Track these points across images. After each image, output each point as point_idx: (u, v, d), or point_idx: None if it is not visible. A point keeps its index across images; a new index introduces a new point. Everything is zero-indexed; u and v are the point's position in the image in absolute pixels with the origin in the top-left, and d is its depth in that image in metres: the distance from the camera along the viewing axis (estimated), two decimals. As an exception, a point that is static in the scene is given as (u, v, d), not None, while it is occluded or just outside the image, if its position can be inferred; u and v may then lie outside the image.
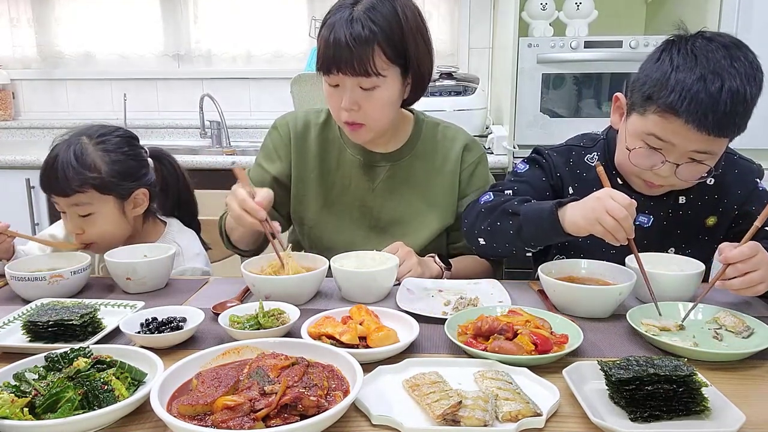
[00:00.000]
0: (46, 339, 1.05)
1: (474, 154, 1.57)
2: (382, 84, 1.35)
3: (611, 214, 1.13)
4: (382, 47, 1.32)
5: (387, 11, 1.33)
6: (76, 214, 1.46)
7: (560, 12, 2.80)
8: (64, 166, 1.42)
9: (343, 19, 1.31)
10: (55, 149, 1.46)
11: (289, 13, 3.41)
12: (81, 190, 1.43)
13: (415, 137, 1.57)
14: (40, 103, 3.63)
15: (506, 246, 1.36)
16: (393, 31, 1.33)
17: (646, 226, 1.41)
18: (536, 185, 1.46)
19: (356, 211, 1.56)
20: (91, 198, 1.45)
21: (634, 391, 0.81)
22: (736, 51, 1.20)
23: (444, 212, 1.55)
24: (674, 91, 1.18)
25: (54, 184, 1.43)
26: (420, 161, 1.56)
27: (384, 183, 1.55)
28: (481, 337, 1.02)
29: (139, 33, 3.50)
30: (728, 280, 1.11)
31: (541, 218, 1.25)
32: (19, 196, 2.86)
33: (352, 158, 1.55)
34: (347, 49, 1.30)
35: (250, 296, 1.29)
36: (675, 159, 1.25)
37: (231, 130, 3.39)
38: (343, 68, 1.32)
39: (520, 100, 2.69)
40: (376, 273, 1.25)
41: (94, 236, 1.48)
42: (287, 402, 0.76)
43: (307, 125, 1.58)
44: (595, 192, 1.19)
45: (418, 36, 1.38)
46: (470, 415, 0.78)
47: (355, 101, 1.37)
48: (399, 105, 1.46)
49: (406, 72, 1.39)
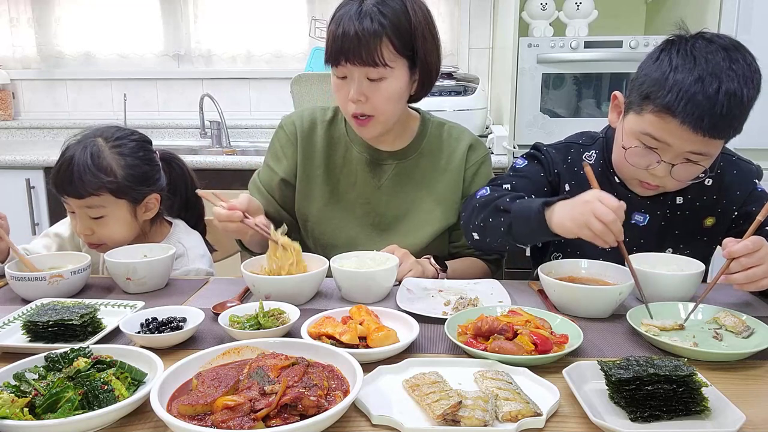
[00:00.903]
0: (46, 339, 1.05)
1: (478, 153, 1.58)
2: (390, 75, 1.37)
3: (600, 218, 1.12)
4: (390, 39, 1.33)
5: (396, 5, 1.35)
6: (87, 215, 1.46)
7: (560, 12, 2.80)
8: (80, 168, 1.41)
9: (352, 12, 1.34)
10: (69, 150, 1.45)
11: (289, 13, 3.41)
12: (96, 193, 1.43)
13: (421, 136, 1.58)
14: (40, 103, 3.63)
15: (498, 242, 1.36)
16: (401, 25, 1.35)
17: (641, 225, 1.41)
18: (534, 180, 1.46)
19: (360, 209, 1.56)
20: (105, 201, 1.45)
21: (634, 391, 0.81)
22: (735, 53, 1.20)
23: (447, 211, 1.56)
24: (671, 91, 1.18)
25: (68, 185, 1.42)
26: (426, 160, 1.57)
27: (390, 181, 1.56)
28: (481, 337, 1.02)
29: (139, 33, 3.50)
30: (732, 275, 1.10)
31: (529, 218, 1.25)
32: (19, 196, 2.86)
33: (359, 156, 1.56)
34: (356, 39, 1.32)
35: (250, 296, 1.29)
36: (670, 159, 1.25)
37: (231, 130, 3.39)
38: (351, 58, 1.33)
39: (520, 100, 2.69)
40: (375, 273, 1.25)
41: (104, 238, 1.48)
42: (287, 402, 0.76)
43: (313, 123, 1.59)
44: (583, 194, 1.19)
45: (427, 31, 1.39)
46: (470, 415, 0.78)
47: (362, 92, 1.37)
48: (406, 100, 1.47)
49: (414, 66, 1.41)
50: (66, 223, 1.63)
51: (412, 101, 1.52)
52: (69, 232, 1.61)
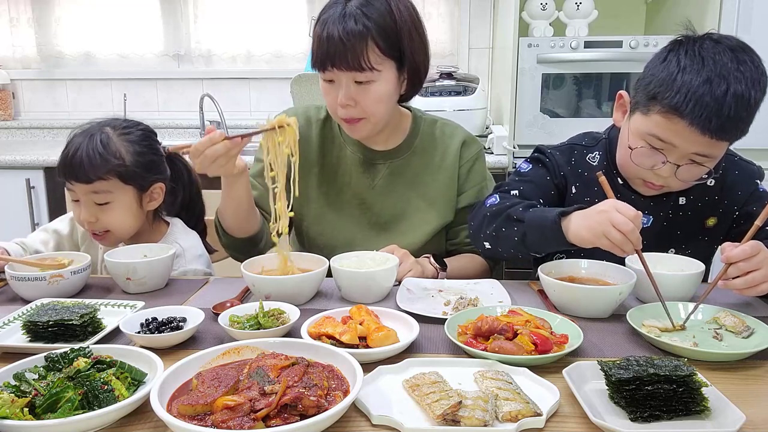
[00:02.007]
0: (46, 339, 1.05)
1: (472, 150, 1.58)
2: (378, 78, 1.36)
3: (618, 228, 1.11)
4: (376, 41, 1.32)
5: (380, 6, 1.33)
6: (93, 202, 1.45)
7: (560, 12, 2.80)
8: (89, 152, 1.41)
9: (336, 15, 1.32)
10: (75, 138, 1.46)
11: (289, 13, 3.41)
12: (105, 177, 1.43)
13: (414, 134, 1.57)
14: (40, 103, 3.63)
15: (511, 251, 1.36)
16: (387, 25, 1.33)
17: (645, 226, 1.40)
18: (541, 184, 1.46)
19: (356, 209, 1.56)
20: (113, 186, 1.45)
21: (634, 391, 0.81)
22: (742, 54, 1.19)
23: (443, 209, 1.55)
24: (679, 92, 1.18)
25: (78, 170, 1.42)
26: (419, 158, 1.56)
27: (384, 180, 1.55)
28: (481, 337, 1.02)
29: (139, 33, 3.51)
30: (730, 280, 1.10)
31: (544, 227, 1.24)
32: (19, 196, 2.86)
33: (352, 156, 1.55)
34: (340, 43, 1.30)
35: (250, 296, 1.29)
36: (676, 160, 1.25)
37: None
38: (337, 63, 1.32)
39: (520, 100, 2.69)
40: (375, 273, 1.25)
41: (109, 225, 1.48)
42: (287, 402, 0.76)
43: (308, 122, 1.58)
44: (599, 204, 1.17)
45: (413, 30, 1.38)
46: (470, 415, 0.78)
47: (350, 96, 1.36)
48: (396, 100, 1.46)
49: (402, 66, 1.39)
50: (65, 219, 1.63)
51: (402, 101, 1.51)
52: (68, 230, 1.61)
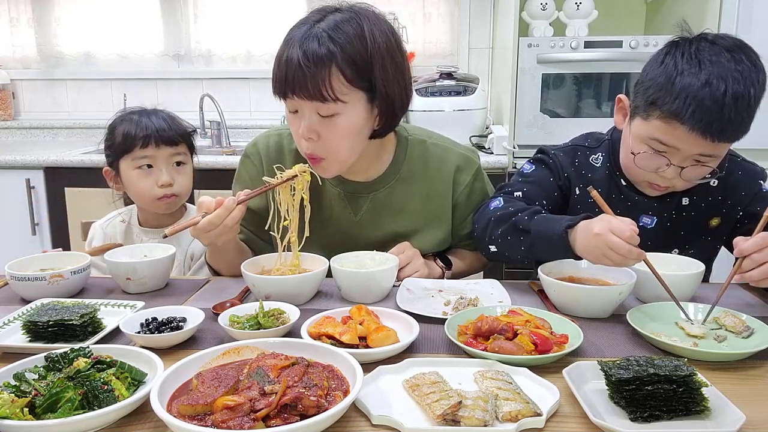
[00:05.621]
0: (46, 339, 1.05)
1: (467, 173, 1.47)
2: (343, 111, 1.22)
3: (615, 251, 1.11)
4: (341, 68, 1.18)
5: (351, 30, 1.20)
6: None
7: (560, 12, 2.80)
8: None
9: (299, 36, 1.20)
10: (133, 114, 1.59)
11: (289, 13, 3.40)
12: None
13: (399, 159, 1.44)
14: (40, 103, 3.63)
15: (518, 258, 1.35)
16: (355, 52, 1.19)
17: (649, 227, 1.40)
18: (544, 186, 1.45)
19: (340, 242, 1.42)
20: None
21: (634, 391, 0.81)
22: (738, 53, 1.19)
23: (437, 236, 1.47)
24: (679, 97, 1.17)
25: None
26: (406, 186, 1.44)
27: (368, 213, 1.44)
28: (481, 337, 1.02)
29: (139, 33, 3.50)
30: (747, 272, 1.09)
31: (552, 240, 1.23)
32: (19, 196, 2.86)
33: (331, 189, 1.43)
34: (300, 69, 1.18)
35: (250, 296, 1.29)
36: (679, 162, 1.25)
37: (231, 130, 3.40)
38: (297, 91, 1.20)
39: (520, 100, 2.69)
40: (375, 273, 1.25)
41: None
42: (287, 402, 0.76)
43: (280, 151, 1.45)
44: (595, 226, 1.14)
45: (388, 59, 1.23)
46: (470, 415, 0.78)
47: (313, 129, 1.24)
48: (366, 136, 1.30)
49: (373, 98, 1.26)
50: (131, 210, 1.72)
51: (375, 136, 1.34)
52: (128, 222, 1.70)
